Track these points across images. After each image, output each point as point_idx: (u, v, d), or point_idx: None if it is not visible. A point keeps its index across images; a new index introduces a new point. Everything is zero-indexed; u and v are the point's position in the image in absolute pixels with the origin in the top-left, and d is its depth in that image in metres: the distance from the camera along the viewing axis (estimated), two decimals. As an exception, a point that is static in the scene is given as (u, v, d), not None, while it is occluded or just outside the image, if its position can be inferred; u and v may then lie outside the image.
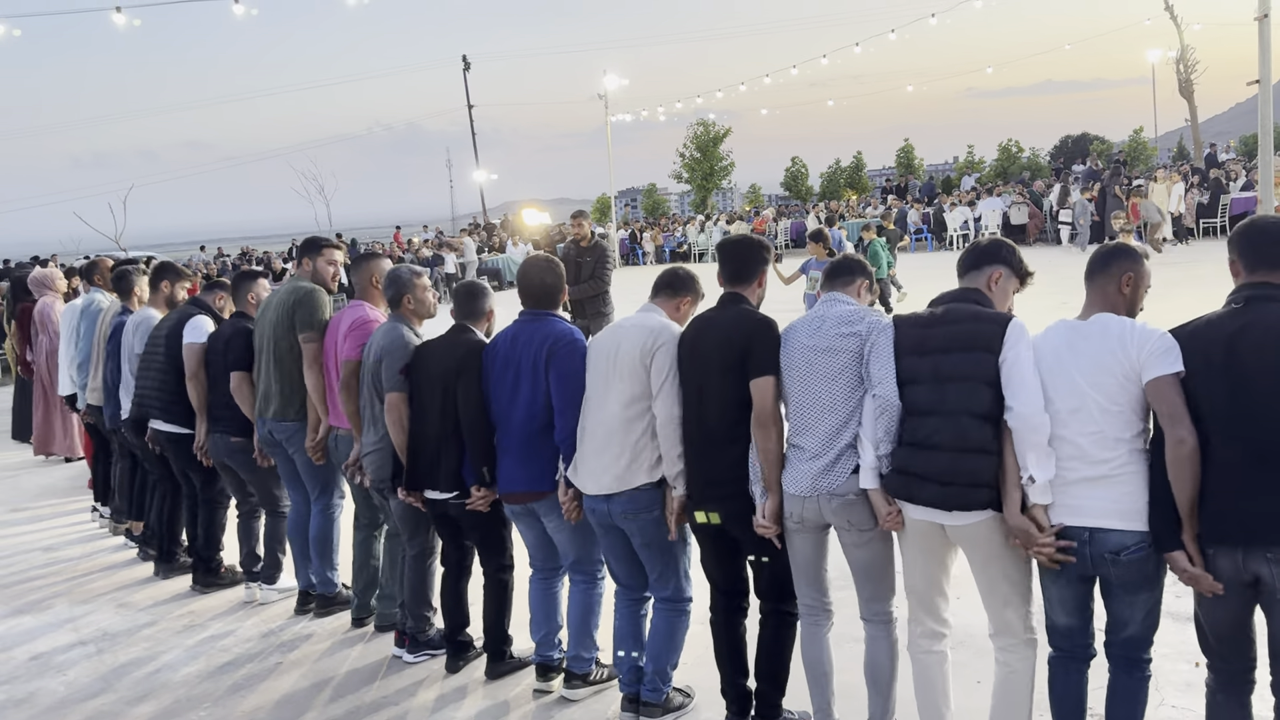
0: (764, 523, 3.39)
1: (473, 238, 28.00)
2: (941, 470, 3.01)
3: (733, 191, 57.36)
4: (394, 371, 4.19)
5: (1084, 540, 2.87)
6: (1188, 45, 32.01)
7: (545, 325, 3.93)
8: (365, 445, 4.42)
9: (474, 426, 3.97)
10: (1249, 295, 2.79)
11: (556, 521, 3.91)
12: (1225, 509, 2.70)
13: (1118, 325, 2.93)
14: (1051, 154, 49.25)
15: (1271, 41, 12.04)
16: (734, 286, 3.64)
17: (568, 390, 3.78)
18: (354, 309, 4.63)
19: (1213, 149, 33.21)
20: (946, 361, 3.08)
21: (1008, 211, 24.83)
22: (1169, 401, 2.76)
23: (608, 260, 9.07)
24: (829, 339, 3.32)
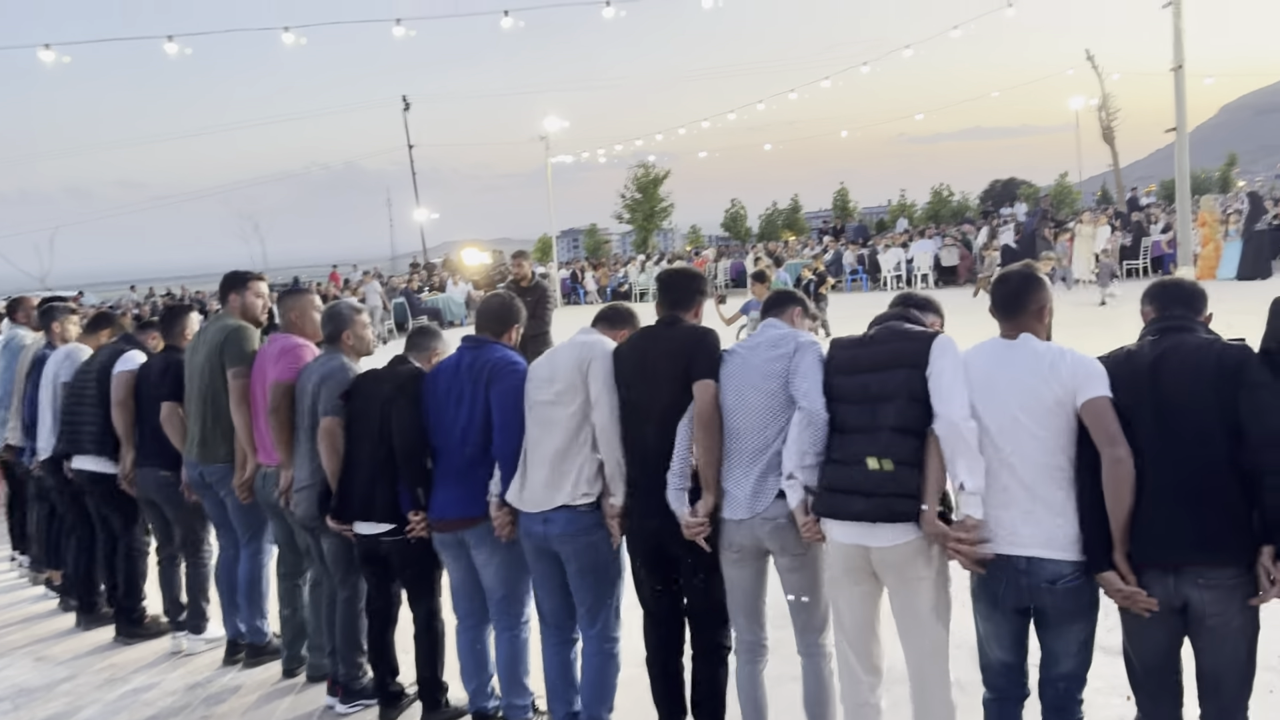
0: (694, 520, 3.36)
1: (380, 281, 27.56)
2: (869, 483, 3.02)
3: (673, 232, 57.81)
4: (333, 396, 4.14)
5: (1021, 569, 2.88)
6: (1109, 94, 33.32)
7: (488, 351, 3.93)
8: (299, 480, 4.32)
9: (409, 449, 3.93)
10: (1163, 327, 2.91)
11: (487, 553, 3.86)
12: (1156, 533, 2.74)
13: (1046, 350, 2.96)
14: (981, 198, 50.55)
15: (1186, 91, 12.58)
16: (672, 311, 3.68)
17: (507, 408, 3.77)
18: (283, 338, 4.56)
19: (1134, 192, 34.40)
20: (874, 380, 3.12)
21: (939, 253, 25.38)
22: (1105, 422, 2.80)
23: (548, 300, 9.08)
24: (761, 362, 3.36)
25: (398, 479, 3.98)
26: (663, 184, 44.69)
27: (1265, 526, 2.67)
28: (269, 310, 5.12)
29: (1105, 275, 17.93)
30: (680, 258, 32.56)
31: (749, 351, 3.43)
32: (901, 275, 25.25)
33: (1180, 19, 12.71)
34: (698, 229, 53.02)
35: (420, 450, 3.94)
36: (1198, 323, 2.94)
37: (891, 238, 27.99)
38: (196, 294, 31.87)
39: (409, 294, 26.29)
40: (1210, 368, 2.76)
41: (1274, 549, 2.66)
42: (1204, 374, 2.75)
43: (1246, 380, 2.70)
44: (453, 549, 3.96)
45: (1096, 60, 33.25)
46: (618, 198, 45.33)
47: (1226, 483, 2.71)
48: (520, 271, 9.55)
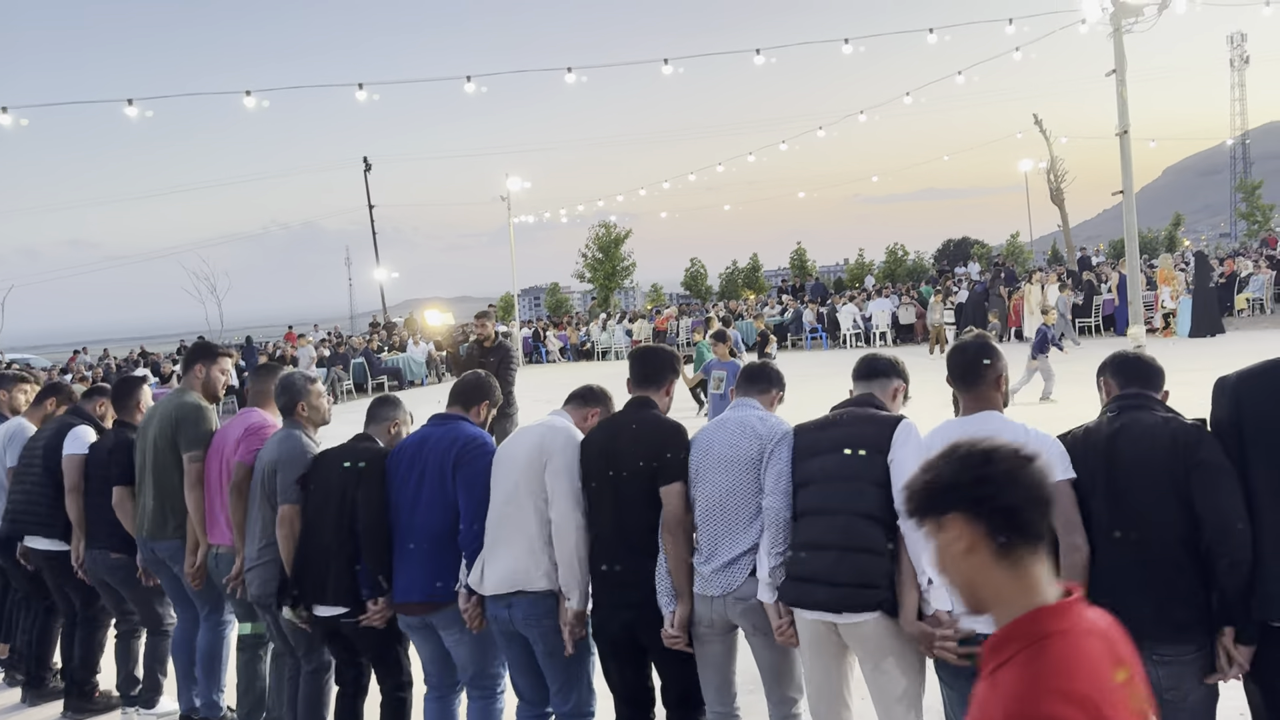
0: (673, 632, 3.34)
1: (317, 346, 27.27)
2: (829, 570, 3.02)
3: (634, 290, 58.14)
4: (290, 482, 4.03)
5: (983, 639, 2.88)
6: (1057, 157, 34.25)
7: (454, 429, 3.87)
8: (249, 558, 4.22)
9: (373, 533, 3.83)
10: (1121, 405, 2.95)
11: (457, 634, 3.77)
12: (1112, 610, 2.76)
13: (1008, 429, 2.97)
14: (935, 257, 51.52)
15: (1132, 154, 12.97)
16: (643, 390, 3.67)
17: (474, 493, 3.70)
18: (248, 414, 4.49)
19: (1084, 252, 35.24)
20: (835, 462, 3.13)
21: (897, 311, 25.76)
22: (1063, 508, 2.80)
23: (511, 360, 9.05)
24: (735, 443, 3.36)
25: (356, 561, 3.87)
26: (624, 243, 45.04)
27: (1224, 607, 2.70)
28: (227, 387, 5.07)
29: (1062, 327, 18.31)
30: (642, 316, 32.72)
31: (719, 435, 3.42)
32: (860, 333, 25.57)
33: (1124, 86, 13.12)
34: (659, 287, 53.38)
35: (385, 534, 3.84)
36: (1155, 400, 2.97)
37: (849, 296, 28.35)
38: (150, 355, 31.40)
39: (369, 354, 26.08)
40: (1164, 447, 2.78)
41: (1234, 630, 2.68)
42: (1159, 454, 2.78)
43: (1201, 461, 2.73)
44: (420, 631, 3.87)
45: (1044, 124, 34.24)
46: (579, 257, 45.59)
47: (1183, 561, 2.73)
48: (483, 331, 9.53)
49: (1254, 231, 46.03)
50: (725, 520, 3.33)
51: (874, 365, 3.46)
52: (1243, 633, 2.69)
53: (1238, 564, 2.66)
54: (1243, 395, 2.77)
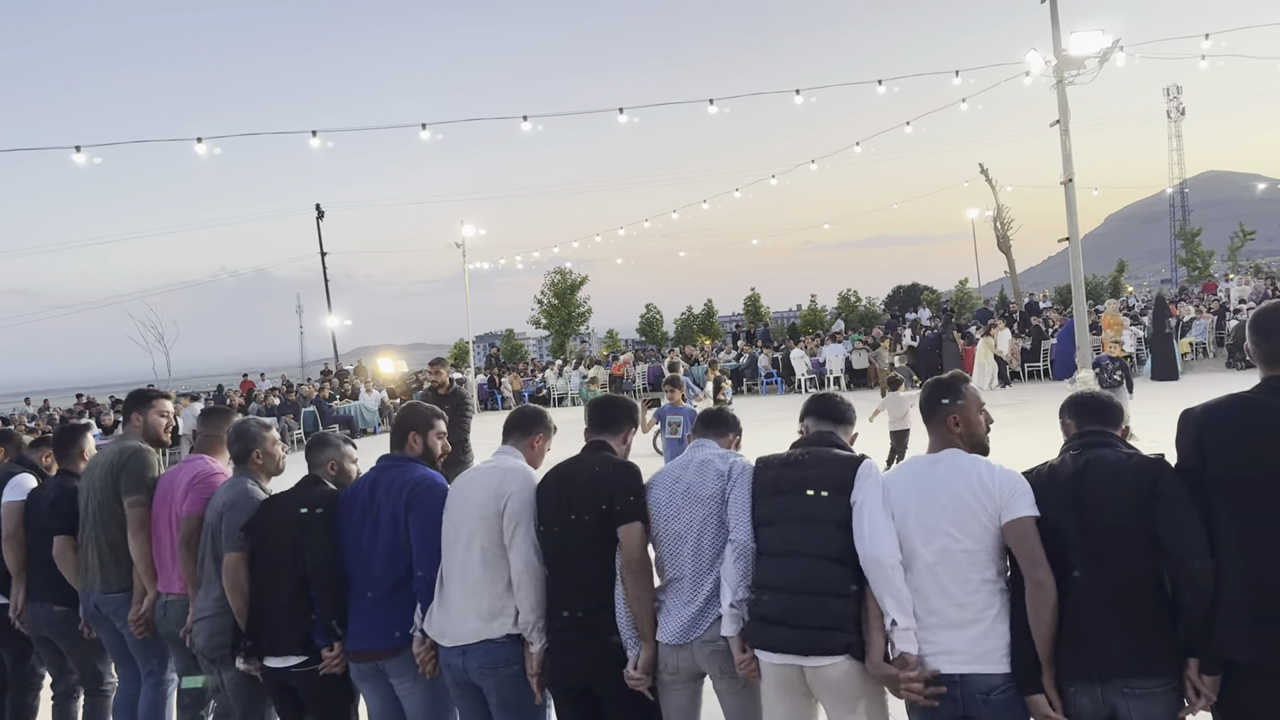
0: (636, 675, 3.27)
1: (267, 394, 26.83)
2: (794, 613, 3.00)
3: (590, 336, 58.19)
4: (234, 529, 3.91)
5: (955, 683, 2.87)
6: (1003, 205, 35.05)
7: (405, 471, 3.79)
8: (200, 609, 4.08)
9: (325, 579, 3.73)
10: (1083, 442, 2.98)
11: (409, 683, 3.66)
12: (1082, 646, 2.77)
13: (973, 465, 3.00)
14: (886, 302, 52.21)
15: (1077, 202, 13.31)
16: (600, 435, 3.63)
17: (427, 536, 3.62)
18: (195, 462, 4.37)
19: (1032, 297, 35.96)
20: (799, 502, 3.11)
21: (850, 356, 26.01)
22: (1028, 544, 2.83)
23: (467, 407, 8.95)
24: (691, 486, 3.33)
25: (311, 609, 3.77)
26: (580, 289, 45.12)
27: (1189, 639, 2.72)
28: (172, 428, 4.93)
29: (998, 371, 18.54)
30: (598, 362, 32.69)
31: (679, 475, 3.40)
32: (814, 378, 25.76)
33: (1067, 136, 13.49)
34: (615, 333, 53.43)
35: (337, 580, 3.74)
36: (1115, 437, 3.01)
37: (805, 342, 28.59)
38: (94, 404, 30.70)
39: (320, 402, 25.72)
40: (1129, 482, 2.81)
41: (1199, 662, 2.70)
42: (1123, 489, 2.81)
43: (1162, 494, 2.76)
44: (371, 679, 3.75)
45: (990, 173, 35.07)
46: (534, 303, 45.56)
47: (1150, 594, 2.76)
48: (438, 379, 9.44)
49: (1194, 277, 47.32)
50: (688, 561, 3.29)
51: (835, 408, 3.46)
52: (1207, 664, 2.70)
53: (1199, 596, 2.68)
54: (1206, 428, 2.80)
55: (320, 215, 42.29)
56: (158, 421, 4.76)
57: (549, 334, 46.26)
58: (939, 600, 2.92)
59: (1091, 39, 13.11)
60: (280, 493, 4.04)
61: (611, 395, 3.93)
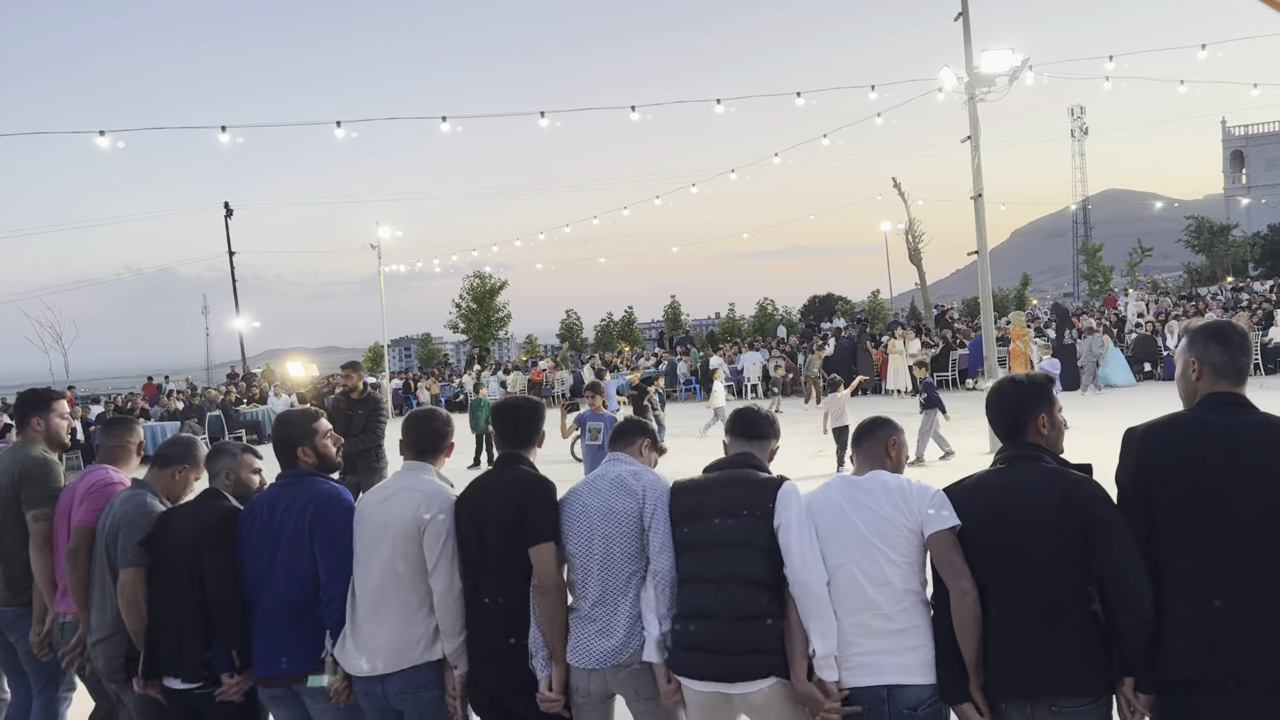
0: (550, 695, 3.21)
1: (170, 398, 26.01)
2: (717, 640, 2.96)
3: (509, 342, 57.76)
4: (131, 544, 3.69)
5: (881, 698, 2.86)
6: (914, 218, 35.79)
7: (308, 487, 3.59)
8: (96, 629, 3.86)
9: (224, 604, 3.53)
10: (1011, 455, 2.96)
11: (323, 704, 3.49)
12: (1011, 663, 2.76)
13: (895, 481, 3.03)
14: (802, 312, 53.07)
15: (985, 217, 13.68)
16: (512, 448, 3.55)
17: (335, 557, 3.46)
18: (96, 471, 4.13)
19: (940, 308, 36.87)
20: (717, 526, 3.07)
21: (766, 364, 26.32)
22: (950, 555, 2.85)
23: (381, 412, 8.76)
24: (608, 502, 3.27)
25: (210, 632, 3.57)
26: (499, 294, 44.80)
27: (1125, 660, 2.71)
28: (73, 429, 4.66)
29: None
30: (518, 368, 32.46)
31: (592, 493, 3.32)
32: (732, 385, 25.99)
33: (977, 152, 13.85)
34: (534, 339, 53.20)
35: (237, 606, 3.54)
36: (1043, 450, 2.97)
37: (724, 351, 28.83)
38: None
39: (226, 406, 24.97)
40: (1055, 501, 2.79)
41: (1135, 680, 2.71)
42: (1050, 508, 2.79)
43: (1098, 520, 2.74)
44: (282, 701, 3.58)
45: (903, 187, 35.84)
46: (453, 307, 45.08)
47: (1077, 612, 2.75)
48: (350, 383, 9.22)
49: (1095, 291, 49.14)
50: (599, 584, 3.23)
51: (754, 425, 3.41)
52: (1142, 682, 2.70)
53: (1140, 620, 2.67)
54: (1150, 447, 2.79)
55: (229, 213, 41.15)
56: (58, 424, 4.50)
57: (467, 338, 45.84)
58: (866, 612, 2.91)
59: (1002, 58, 13.50)
60: (177, 506, 3.85)
61: (517, 399, 3.76)
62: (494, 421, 3.63)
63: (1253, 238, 55.07)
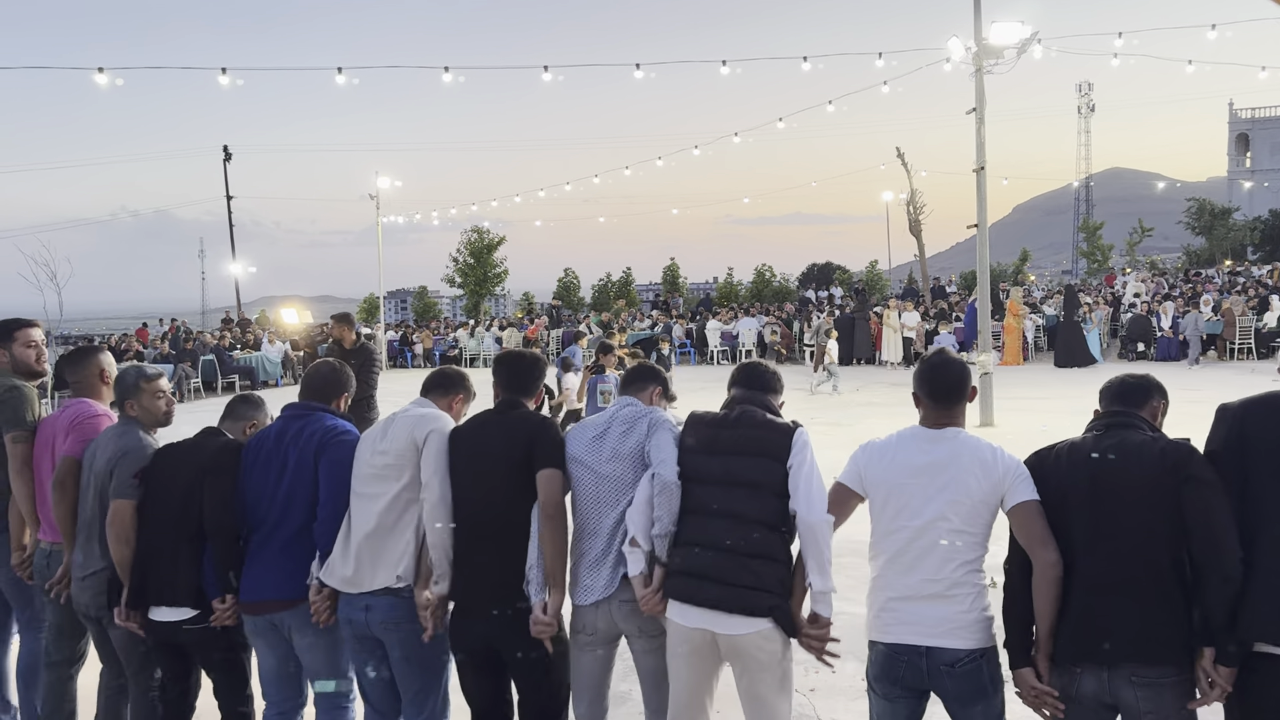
0: (544, 619, 3.23)
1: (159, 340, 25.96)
2: (724, 571, 3.01)
3: (506, 298, 57.62)
4: (127, 476, 3.73)
5: (920, 654, 2.89)
6: (916, 190, 35.62)
7: (314, 420, 3.69)
8: (82, 565, 3.88)
9: (221, 529, 3.60)
10: (1108, 422, 2.96)
11: (310, 638, 3.56)
12: (1090, 628, 2.76)
13: (977, 447, 2.97)
14: (800, 279, 52.92)
15: (987, 190, 13.62)
16: (512, 394, 3.58)
17: (334, 484, 3.53)
18: (78, 404, 4.15)
19: (937, 281, 36.81)
20: (735, 465, 3.11)
21: (762, 330, 26.34)
22: (1035, 526, 2.83)
23: (374, 363, 8.76)
24: (611, 440, 3.31)
25: (202, 559, 3.63)
26: (497, 249, 44.59)
27: (1206, 626, 2.70)
28: (46, 360, 4.63)
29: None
30: (513, 324, 32.43)
31: (599, 431, 3.36)
32: (728, 350, 26.01)
33: (982, 125, 13.77)
34: (530, 296, 53.06)
35: (234, 529, 3.62)
36: (1140, 418, 2.97)
37: (722, 316, 28.80)
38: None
39: (219, 351, 24.92)
40: (1152, 465, 2.79)
41: (1214, 651, 2.69)
42: (1146, 471, 2.78)
43: (1191, 476, 2.74)
44: (266, 634, 3.64)
45: (906, 158, 35.62)
46: (450, 261, 44.89)
47: (1166, 581, 2.74)
48: (337, 334, 9.21)
49: (1094, 270, 49.07)
50: (601, 520, 3.27)
51: (760, 379, 3.42)
52: (1222, 654, 2.68)
53: (1229, 580, 2.66)
54: (1248, 420, 2.80)
55: (228, 157, 40.80)
56: (25, 354, 4.44)
57: (464, 293, 45.69)
58: (913, 575, 2.93)
59: (1011, 30, 13.39)
60: (176, 442, 3.88)
61: (519, 351, 3.82)
62: (495, 370, 3.67)
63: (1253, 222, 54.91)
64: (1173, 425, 3.05)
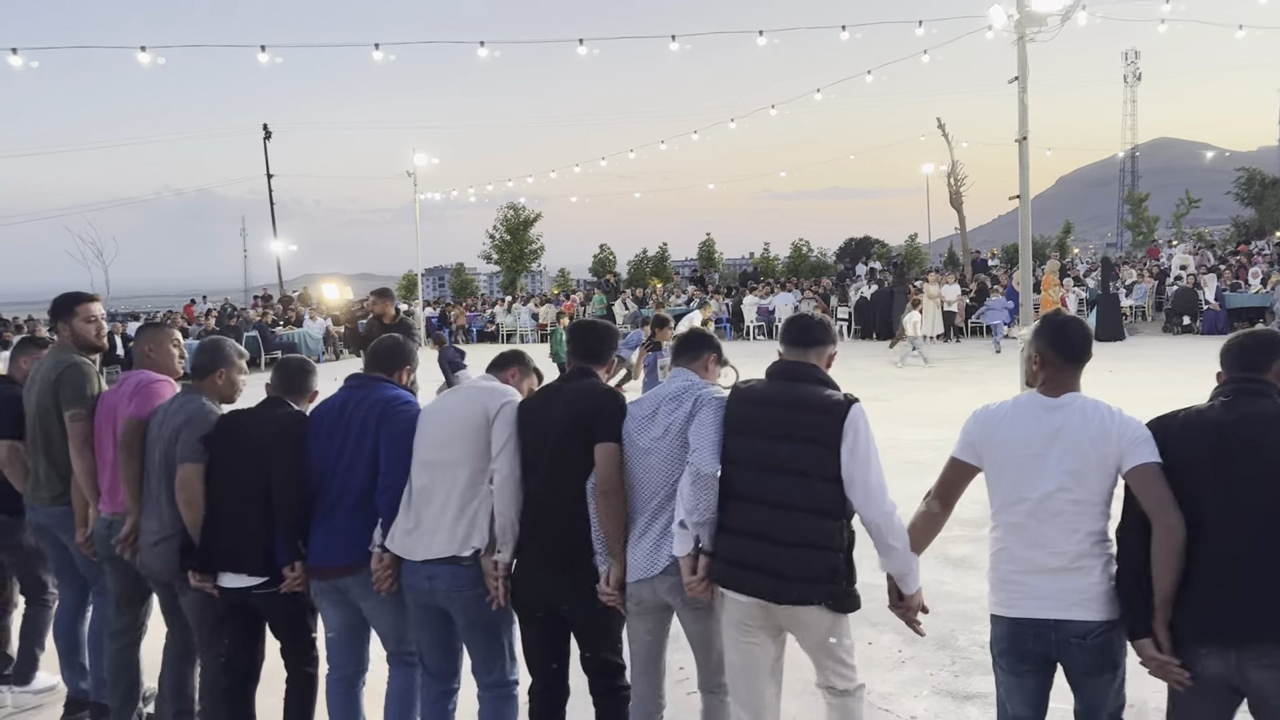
0: (608, 589, 3.28)
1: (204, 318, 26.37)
2: (771, 561, 2.97)
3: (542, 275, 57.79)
4: (193, 440, 3.80)
5: (1049, 627, 2.82)
6: (957, 161, 35.10)
7: (376, 390, 3.75)
8: (153, 531, 3.92)
9: (288, 498, 3.66)
10: (1236, 389, 2.79)
11: (376, 603, 3.63)
12: (1219, 608, 2.63)
13: (1095, 411, 2.84)
14: (837, 254, 52.48)
15: (1029, 162, 13.39)
16: (582, 362, 3.61)
17: (396, 453, 3.58)
18: (138, 373, 4.21)
19: (978, 254, 36.31)
20: (782, 450, 3.03)
21: (799, 306, 26.21)
22: (1156, 489, 2.70)
23: (412, 338, 8.84)
24: (661, 416, 3.30)
25: (272, 528, 3.70)
26: (533, 226, 44.67)
27: None
28: (106, 334, 4.71)
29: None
30: (549, 300, 32.53)
31: (649, 410, 3.35)
32: (764, 325, 25.92)
33: (1025, 93, 13.51)
34: (566, 272, 53.13)
35: (300, 499, 3.67)
36: (1271, 386, 2.80)
37: (759, 291, 28.69)
38: (28, 320, 29.89)
39: (262, 328, 25.28)
40: None
41: None
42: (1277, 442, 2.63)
43: None
44: (331, 596, 3.71)
45: (947, 128, 35.10)
46: (486, 238, 45.05)
47: None
48: (379, 309, 9.30)
49: (1139, 242, 48.16)
50: (650, 495, 3.28)
51: (809, 332, 3.26)
52: None
53: None
54: None
55: (267, 135, 41.18)
56: (85, 328, 4.52)
57: (500, 270, 45.86)
58: (1038, 548, 2.83)
59: (1055, -4, 13.08)
60: (240, 410, 3.94)
61: (593, 321, 3.83)
62: (569, 338, 3.71)
63: (1306, 192, 53.52)
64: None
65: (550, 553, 3.37)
